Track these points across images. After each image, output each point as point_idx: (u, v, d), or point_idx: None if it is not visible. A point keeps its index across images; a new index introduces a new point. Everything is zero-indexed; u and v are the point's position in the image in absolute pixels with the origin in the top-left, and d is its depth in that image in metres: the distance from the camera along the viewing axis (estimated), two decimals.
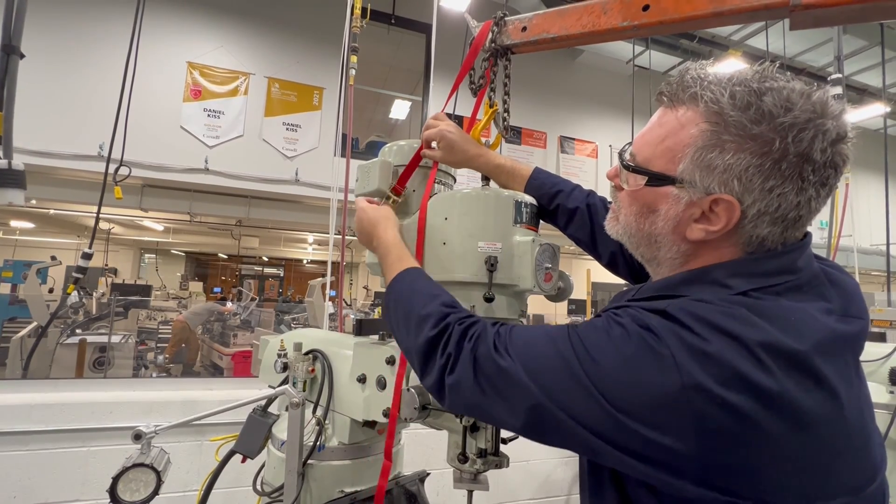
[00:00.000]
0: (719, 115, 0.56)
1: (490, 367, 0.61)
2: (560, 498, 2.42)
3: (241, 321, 7.41)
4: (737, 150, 0.55)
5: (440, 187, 1.02)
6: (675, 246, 0.62)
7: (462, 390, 0.64)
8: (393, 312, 0.79)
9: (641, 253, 0.68)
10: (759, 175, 0.54)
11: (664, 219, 0.61)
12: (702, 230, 0.59)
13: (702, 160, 0.57)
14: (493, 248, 0.84)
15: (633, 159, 0.64)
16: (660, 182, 0.60)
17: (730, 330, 0.51)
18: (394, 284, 0.81)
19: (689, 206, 0.59)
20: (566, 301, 1.22)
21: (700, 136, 0.57)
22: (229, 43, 5.59)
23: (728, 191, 0.56)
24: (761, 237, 0.58)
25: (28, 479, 1.64)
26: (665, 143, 0.60)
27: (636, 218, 0.65)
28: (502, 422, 0.62)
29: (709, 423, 0.48)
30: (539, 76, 6.90)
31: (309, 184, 5.64)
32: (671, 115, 0.61)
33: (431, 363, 0.68)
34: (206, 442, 1.80)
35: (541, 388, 0.57)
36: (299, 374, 1.09)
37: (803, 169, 0.54)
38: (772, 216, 0.56)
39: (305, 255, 16.52)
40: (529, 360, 0.59)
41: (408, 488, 1.10)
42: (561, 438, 0.58)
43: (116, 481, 0.94)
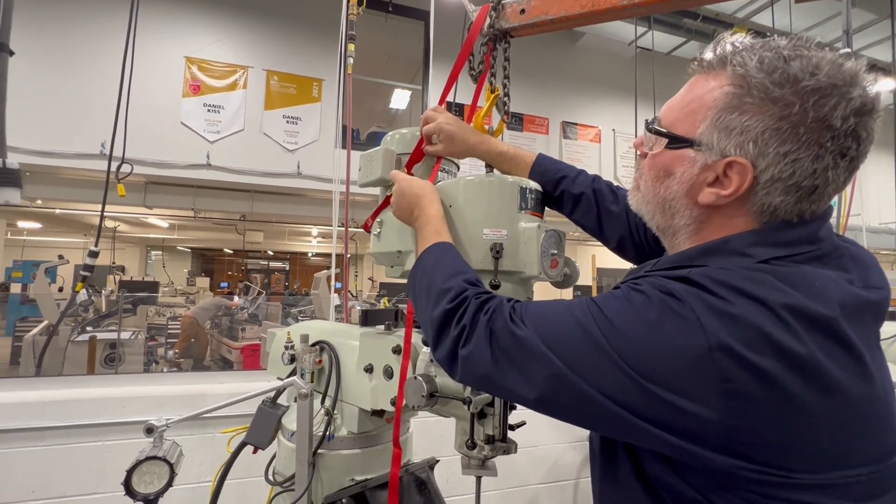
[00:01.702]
0: (744, 77, 0.55)
1: (506, 338, 0.60)
2: (568, 482, 2.44)
3: (248, 315, 7.48)
4: (756, 112, 0.54)
5: (444, 175, 1.01)
6: (687, 211, 0.61)
7: (475, 361, 0.63)
8: (417, 282, 0.78)
9: (657, 222, 0.67)
10: (775, 138, 0.53)
11: (679, 182, 0.61)
12: (713, 194, 0.58)
13: (720, 122, 0.56)
14: (499, 235, 0.83)
15: (658, 123, 0.64)
16: (679, 144, 0.60)
17: (755, 294, 0.50)
18: (423, 256, 0.80)
19: (703, 169, 0.58)
20: (572, 288, 1.22)
21: (722, 98, 0.56)
22: (226, 36, 5.55)
23: (743, 154, 0.55)
24: (773, 206, 0.56)
25: (45, 474, 1.67)
26: (689, 107, 0.60)
27: (653, 182, 0.65)
28: (515, 394, 0.60)
29: (735, 386, 0.47)
30: (540, 61, 6.81)
31: (311, 176, 5.63)
32: (701, 80, 0.61)
33: (445, 335, 0.67)
34: (217, 434, 1.82)
35: (560, 357, 0.55)
36: (307, 366, 1.10)
37: (821, 135, 0.52)
38: (785, 183, 0.54)
39: (310, 249, 16.58)
40: (547, 331, 0.58)
41: (417, 475, 1.11)
42: (577, 411, 0.56)
43: (130, 474, 0.96)
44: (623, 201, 0.94)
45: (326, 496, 1.01)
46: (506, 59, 0.99)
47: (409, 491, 1.08)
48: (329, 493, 1.01)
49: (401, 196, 0.89)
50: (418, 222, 0.86)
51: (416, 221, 0.87)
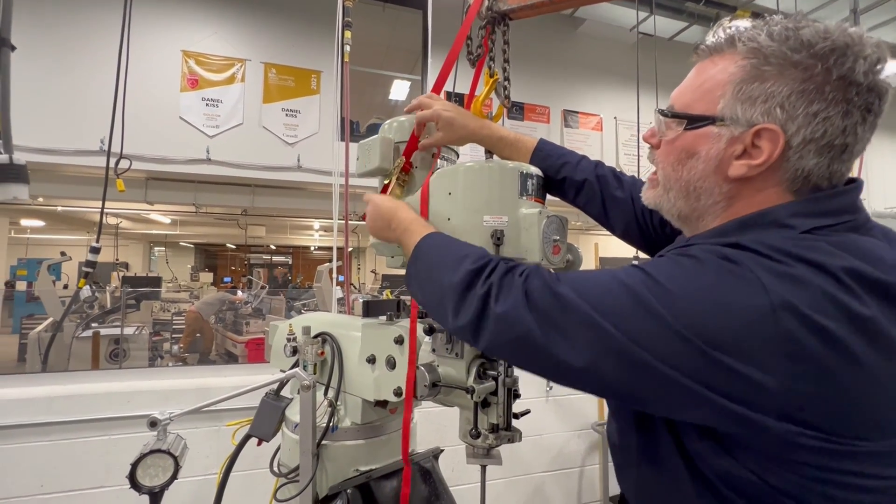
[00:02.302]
0: (757, 49, 0.56)
1: (546, 298, 0.55)
2: (573, 470, 2.45)
3: (252, 309, 7.51)
4: (777, 78, 0.54)
5: (442, 163, 0.99)
6: (716, 188, 0.60)
7: (512, 320, 0.57)
8: (421, 267, 0.73)
9: (679, 209, 0.65)
10: (802, 100, 0.53)
11: (704, 160, 0.59)
12: (743, 165, 0.57)
13: (742, 93, 0.56)
14: (499, 221, 0.81)
15: (672, 108, 0.63)
16: (699, 123, 0.59)
17: (812, 258, 0.49)
18: (421, 245, 0.76)
19: (730, 143, 0.57)
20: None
21: (739, 71, 0.56)
22: (223, 29, 5.49)
23: (771, 120, 0.55)
24: (807, 171, 0.55)
25: (53, 469, 1.69)
26: (704, 86, 0.60)
27: (674, 167, 0.63)
28: (559, 360, 0.55)
29: (799, 347, 0.46)
30: (539, 48, 6.73)
31: (311, 170, 5.60)
32: (709, 64, 0.61)
33: (469, 295, 0.62)
34: (222, 427, 1.83)
35: (609, 320, 0.51)
36: (309, 358, 1.09)
37: (847, 90, 0.53)
38: (818, 144, 0.54)
39: (312, 242, 16.60)
40: (591, 294, 0.54)
41: (422, 465, 1.11)
42: (627, 381, 0.52)
43: (135, 468, 0.96)
44: (628, 187, 0.93)
45: (331, 487, 1.01)
46: (505, 42, 0.97)
47: (414, 481, 1.08)
48: (334, 484, 1.01)
49: (375, 215, 0.88)
50: (399, 229, 0.84)
51: (396, 230, 0.85)
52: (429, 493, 1.09)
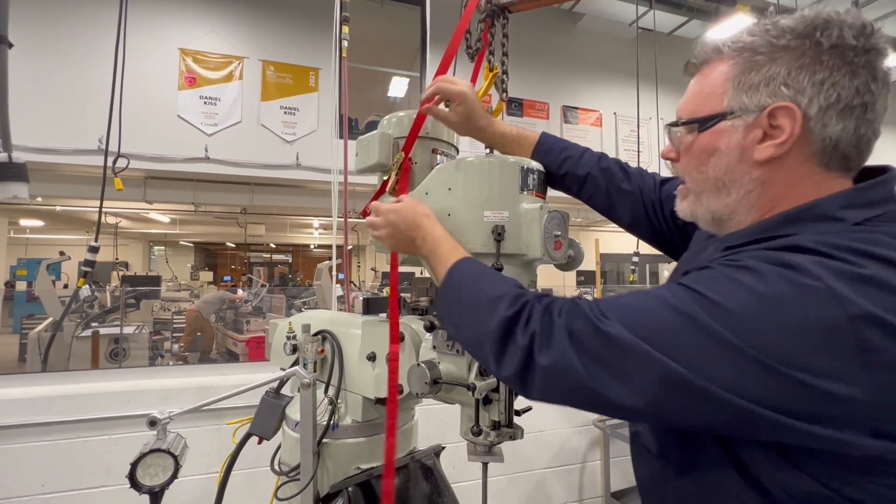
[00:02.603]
0: (742, 46, 0.58)
1: (593, 339, 0.52)
2: (575, 466, 2.45)
3: (252, 308, 7.51)
4: (770, 63, 0.56)
5: (442, 158, 0.99)
6: (745, 176, 0.59)
7: (560, 372, 0.53)
8: (453, 301, 0.69)
9: (712, 210, 0.64)
10: (803, 73, 0.54)
11: (726, 153, 0.60)
12: (769, 147, 0.57)
13: (742, 84, 0.58)
14: (500, 217, 0.81)
15: (679, 120, 0.65)
16: (711, 122, 0.61)
17: (880, 254, 0.46)
18: (453, 273, 0.72)
19: (747, 130, 0.58)
20: (575, 272, 1.20)
21: (732, 68, 0.59)
22: (220, 27, 5.47)
23: (780, 98, 0.55)
24: (834, 138, 0.54)
25: (54, 469, 1.69)
26: (704, 91, 0.62)
27: (699, 169, 0.63)
28: (616, 405, 0.51)
29: (882, 357, 0.43)
30: (539, 44, 6.70)
31: (310, 167, 5.59)
32: (701, 75, 0.64)
33: (510, 346, 0.58)
34: (223, 426, 1.83)
35: (666, 353, 0.48)
36: (309, 356, 1.09)
37: (845, 55, 0.53)
38: (836, 108, 0.54)
39: (312, 240, 16.59)
40: (642, 325, 0.50)
41: (423, 462, 1.11)
42: (695, 413, 0.49)
43: (135, 467, 0.96)
44: (636, 179, 0.92)
45: (332, 485, 1.01)
46: (504, 35, 0.96)
47: (416, 478, 1.08)
48: (335, 482, 1.01)
49: (393, 227, 0.81)
50: (426, 247, 0.78)
51: (422, 248, 0.79)
52: (430, 490, 1.09)
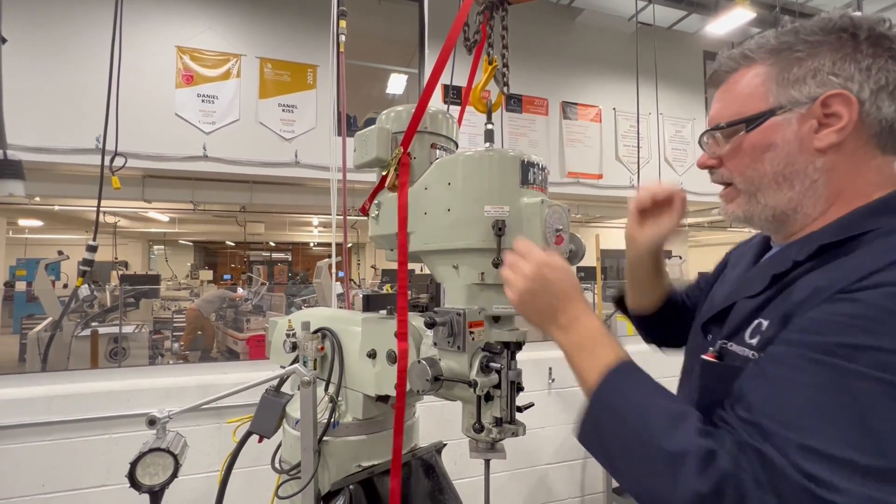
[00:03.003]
0: (776, 48, 0.61)
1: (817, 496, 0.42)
2: (577, 462, 2.45)
3: (252, 306, 7.50)
4: (813, 56, 0.58)
5: (441, 152, 0.98)
6: (808, 166, 0.59)
7: None
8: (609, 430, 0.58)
9: (773, 207, 0.63)
10: (848, 62, 0.57)
11: (783, 145, 0.60)
12: (830, 133, 0.58)
13: (786, 80, 0.59)
14: (501, 211, 0.80)
15: (719, 124, 0.65)
16: (759, 120, 0.61)
17: None
18: (606, 393, 0.60)
19: (801, 121, 0.59)
20: (575, 268, 1.19)
21: (772, 68, 0.61)
22: (217, 24, 5.44)
23: (830, 87, 0.57)
24: (889, 119, 0.57)
25: (54, 468, 1.68)
26: (743, 93, 0.63)
27: (753, 165, 0.63)
28: None
29: None
30: (537, 40, 6.67)
31: (309, 165, 5.57)
32: (732, 82, 0.65)
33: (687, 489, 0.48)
34: (224, 425, 1.83)
35: None
36: (309, 353, 1.08)
37: (882, 43, 0.57)
38: (887, 90, 0.56)
39: (312, 238, 16.58)
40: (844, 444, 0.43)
41: (425, 459, 1.10)
42: None
43: (134, 467, 0.95)
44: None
45: (333, 483, 1.00)
46: (503, 28, 0.95)
47: (417, 475, 1.08)
48: (336, 480, 1.00)
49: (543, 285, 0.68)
50: (571, 329, 0.66)
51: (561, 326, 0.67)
52: (432, 487, 1.08)
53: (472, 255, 0.82)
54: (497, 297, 0.84)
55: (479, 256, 0.82)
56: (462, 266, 0.85)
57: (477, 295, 0.84)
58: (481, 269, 0.82)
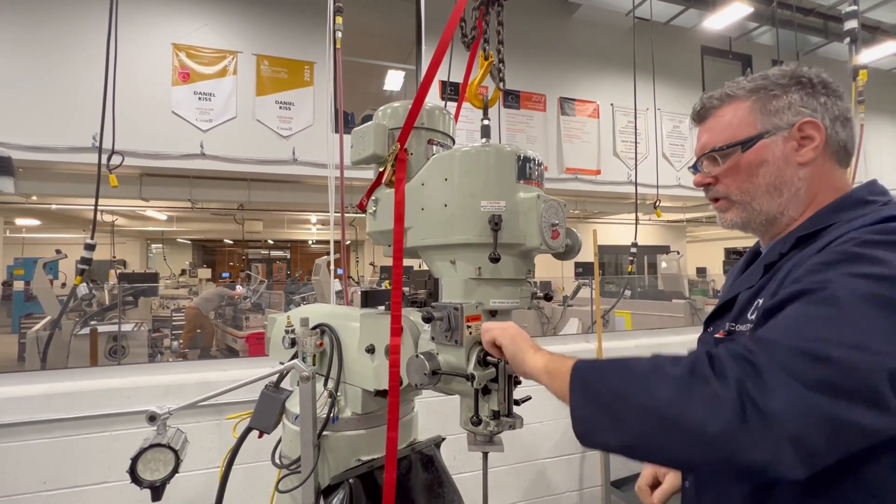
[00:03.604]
0: (754, 88, 0.78)
1: (813, 366, 0.51)
2: (575, 456, 2.47)
3: (251, 304, 7.50)
4: (785, 94, 0.76)
5: (438, 148, 0.98)
6: (794, 177, 0.76)
7: (788, 412, 0.50)
8: (593, 389, 0.63)
9: (766, 212, 0.78)
10: (811, 98, 0.75)
11: (773, 161, 0.76)
12: (809, 151, 0.75)
13: (770, 110, 0.76)
14: (497, 206, 0.80)
15: (717, 147, 0.79)
16: (752, 142, 0.77)
17: None
18: (577, 373, 0.65)
19: (784, 142, 0.76)
20: (573, 263, 1.20)
21: (755, 103, 0.78)
22: (213, 21, 5.41)
23: (802, 116, 0.75)
24: (843, 141, 0.76)
25: (55, 466, 1.69)
26: (734, 123, 0.79)
27: (750, 179, 0.78)
28: (865, 427, 0.50)
29: None
30: (535, 36, 6.66)
31: (307, 163, 5.57)
32: (715, 117, 0.82)
33: (704, 406, 0.53)
34: (224, 421, 1.83)
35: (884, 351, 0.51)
36: (308, 349, 1.09)
37: (828, 87, 0.77)
38: (840, 119, 0.76)
39: (310, 236, 16.56)
40: (844, 337, 0.52)
41: (424, 453, 1.11)
42: None
43: (135, 462, 0.96)
44: None
45: (333, 477, 1.01)
46: (499, 23, 0.95)
47: (416, 468, 1.09)
48: (336, 474, 1.01)
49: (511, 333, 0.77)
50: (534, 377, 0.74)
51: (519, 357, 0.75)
52: (431, 480, 1.09)
53: (469, 250, 0.83)
54: (494, 291, 0.84)
55: (476, 251, 0.82)
56: (459, 261, 0.85)
57: (474, 289, 0.85)
58: (478, 264, 0.82)
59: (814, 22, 7.18)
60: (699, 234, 14.18)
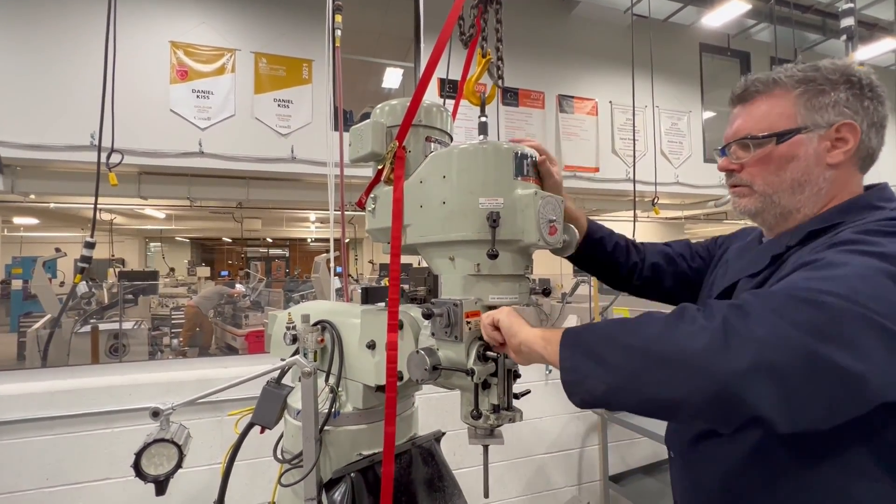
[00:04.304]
0: (804, 79, 0.76)
1: (806, 305, 0.53)
2: (574, 451, 2.49)
3: (251, 302, 7.51)
4: (834, 91, 0.75)
5: (436, 146, 0.99)
6: (819, 177, 0.76)
7: (769, 339, 0.51)
8: (583, 340, 0.65)
9: (783, 206, 0.79)
10: (857, 99, 0.75)
11: (804, 159, 0.76)
12: (840, 153, 0.75)
13: (815, 106, 0.75)
14: (495, 203, 0.81)
15: (751, 135, 0.79)
16: (789, 135, 0.76)
17: None
18: (568, 332, 0.68)
19: (819, 141, 0.75)
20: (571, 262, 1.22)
21: (801, 94, 0.76)
22: (211, 18, 5.40)
23: (845, 117, 0.74)
24: (872, 148, 0.77)
25: (57, 462, 1.70)
26: (773, 112, 0.77)
27: (777, 173, 0.78)
28: (847, 371, 0.50)
29: None
30: (534, 33, 6.65)
31: (306, 161, 5.56)
32: (756, 102, 0.80)
33: (680, 333, 0.56)
34: (225, 418, 1.85)
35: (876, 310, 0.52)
36: (309, 345, 1.10)
37: (875, 90, 0.76)
38: (876, 126, 0.76)
39: (309, 234, 16.55)
40: (854, 291, 0.53)
41: (424, 447, 1.13)
42: None
43: (139, 457, 0.97)
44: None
45: (335, 470, 1.02)
46: (497, 21, 0.96)
47: (417, 462, 1.10)
48: (337, 468, 1.02)
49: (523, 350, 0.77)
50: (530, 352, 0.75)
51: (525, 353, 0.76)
52: (431, 473, 1.11)
53: (468, 247, 0.84)
54: (493, 287, 0.85)
55: (475, 248, 0.83)
56: (458, 257, 0.86)
57: (473, 285, 0.86)
58: (477, 261, 0.83)
59: (812, 19, 7.18)
60: (697, 232, 14.20)
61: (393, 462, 0.93)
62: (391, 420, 0.91)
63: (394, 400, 0.92)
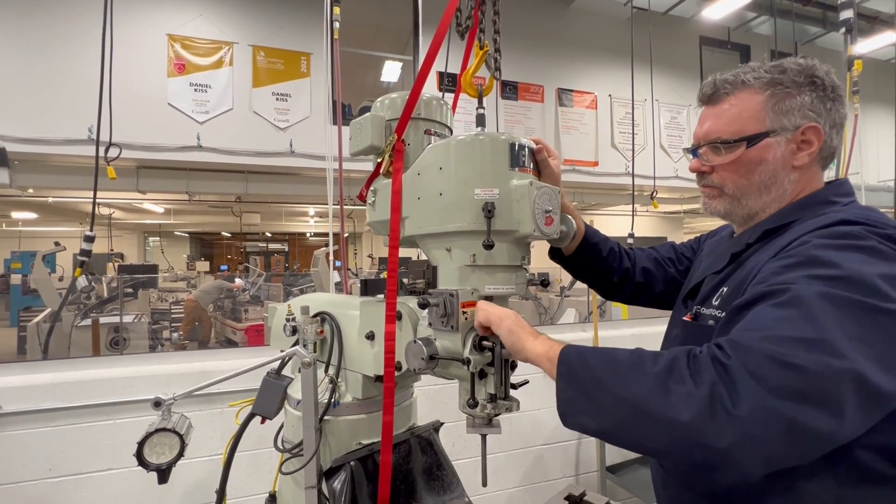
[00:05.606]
0: (771, 80, 0.78)
1: (779, 372, 0.53)
2: (571, 442, 2.51)
3: (250, 296, 7.52)
4: (798, 93, 0.77)
5: (435, 139, 0.99)
6: (785, 179, 0.79)
7: (752, 416, 0.53)
8: (576, 374, 0.66)
9: (750, 208, 0.82)
10: (820, 102, 0.77)
11: (773, 162, 0.78)
12: (805, 155, 0.78)
13: (782, 109, 0.77)
14: (490, 194, 0.82)
15: (722, 139, 0.80)
16: (759, 139, 0.78)
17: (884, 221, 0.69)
18: (563, 358, 0.69)
19: (787, 143, 0.78)
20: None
21: (769, 98, 0.78)
22: (208, 11, 5.36)
23: (809, 120, 0.77)
24: (833, 148, 0.79)
25: (60, 453, 1.72)
26: (743, 115, 0.79)
27: (746, 176, 0.80)
28: (820, 431, 0.53)
29: None
30: (533, 27, 6.62)
31: (304, 154, 5.55)
32: (725, 103, 0.81)
33: (668, 396, 0.57)
34: (226, 409, 1.86)
35: (857, 351, 0.53)
36: (309, 337, 1.11)
37: (835, 90, 0.78)
38: (837, 127, 0.79)
39: (308, 229, 16.54)
40: (814, 335, 0.54)
41: (423, 437, 1.14)
42: None
43: (142, 446, 0.98)
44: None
45: (335, 459, 1.04)
46: (495, 13, 0.96)
47: (416, 452, 1.11)
48: (337, 457, 1.04)
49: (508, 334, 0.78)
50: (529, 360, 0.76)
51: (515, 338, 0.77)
52: (430, 463, 1.12)
53: (464, 238, 0.85)
54: (489, 278, 0.86)
55: (471, 239, 0.84)
56: (454, 248, 0.87)
57: (469, 276, 0.86)
58: (473, 251, 0.84)
59: (812, 12, 7.15)
60: (696, 226, 14.21)
61: (391, 451, 0.95)
62: (389, 409, 0.92)
63: (392, 390, 0.93)
